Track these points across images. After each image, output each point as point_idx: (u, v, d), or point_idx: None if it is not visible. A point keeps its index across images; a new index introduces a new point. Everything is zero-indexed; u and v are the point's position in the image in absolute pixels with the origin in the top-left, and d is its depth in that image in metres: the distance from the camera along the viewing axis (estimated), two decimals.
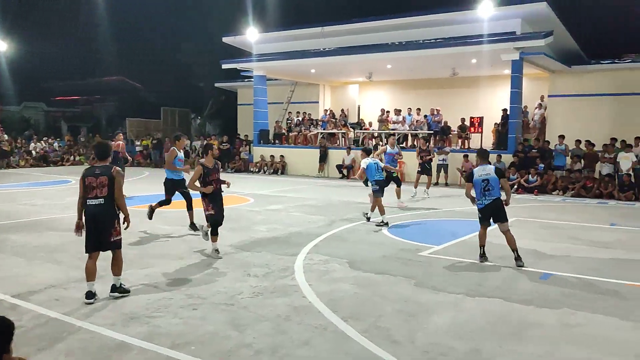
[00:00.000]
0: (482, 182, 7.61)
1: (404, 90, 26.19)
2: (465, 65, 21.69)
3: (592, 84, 20.77)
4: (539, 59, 19.08)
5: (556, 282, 6.82)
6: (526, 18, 19.05)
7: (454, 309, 5.78)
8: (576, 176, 17.20)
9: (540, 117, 22.03)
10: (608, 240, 9.58)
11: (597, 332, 5.13)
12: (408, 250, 8.62)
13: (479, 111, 22.45)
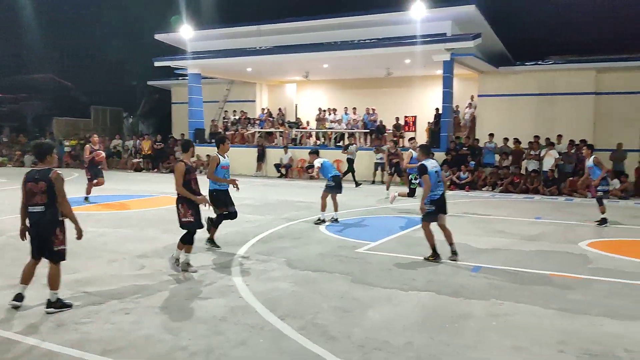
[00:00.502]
0: (435, 173, 7.82)
1: (341, 90, 26.48)
2: (400, 66, 22.17)
3: (518, 84, 21.73)
4: (469, 60, 19.79)
5: (485, 274, 7.10)
6: (456, 20, 19.70)
7: (389, 303, 5.91)
8: (504, 172, 17.98)
9: (470, 116, 22.84)
10: (533, 233, 10.07)
11: (522, 321, 5.38)
12: (345, 247, 8.73)
13: (412, 110, 23.05)
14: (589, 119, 20.53)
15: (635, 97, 20.26)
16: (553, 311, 5.64)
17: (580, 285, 6.64)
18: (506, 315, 5.52)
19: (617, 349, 4.66)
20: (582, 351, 4.61)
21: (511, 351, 4.65)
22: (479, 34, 18.77)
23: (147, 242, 8.97)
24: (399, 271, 7.26)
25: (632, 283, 6.72)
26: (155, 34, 25.54)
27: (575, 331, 5.07)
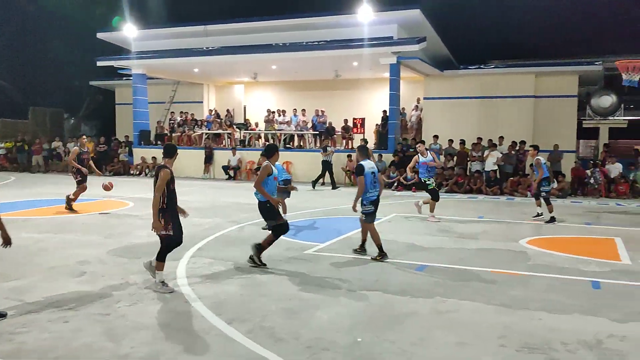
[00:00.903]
0: (372, 174, 7.90)
1: (290, 91, 26.49)
2: (348, 68, 22.38)
3: (462, 87, 22.34)
4: (414, 63, 20.20)
5: (430, 272, 7.26)
6: (402, 24, 20.07)
7: (337, 303, 5.95)
8: (449, 173, 18.44)
9: (417, 118, 23.30)
10: (476, 232, 10.38)
11: (466, 317, 5.53)
12: (294, 249, 8.72)
13: (361, 112, 23.31)
14: (529, 121, 21.34)
15: (571, 100, 21.24)
16: (494, 307, 5.82)
17: (520, 281, 6.88)
18: (450, 312, 5.66)
19: (554, 341, 4.85)
20: (522, 345, 4.78)
21: (455, 347, 4.77)
22: (424, 38, 19.20)
23: (89, 247, 8.67)
24: (347, 271, 7.32)
25: (568, 278, 7.02)
26: (97, 33, 24.77)
27: (515, 326, 5.25)
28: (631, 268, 7.64)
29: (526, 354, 4.61)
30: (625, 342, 4.84)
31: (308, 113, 23.47)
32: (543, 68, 22.03)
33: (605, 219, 12.41)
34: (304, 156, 21.65)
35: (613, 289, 6.57)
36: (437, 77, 22.45)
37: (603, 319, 5.46)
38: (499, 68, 23.00)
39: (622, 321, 5.38)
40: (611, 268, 7.62)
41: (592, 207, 14.50)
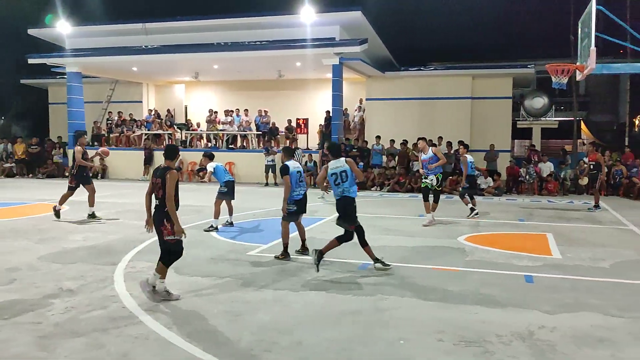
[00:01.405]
0: (297, 173, 7.98)
1: (233, 91, 26.20)
2: (291, 68, 22.37)
3: (403, 88, 22.76)
4: (356, 64, 20.42)
5: (372, 271, 7.35)
6: (344, 25, 20.26)
7: (279, 304, 5.92)
8: (391, 173, 18.77)
9: (359, 118, 23.58)
10: (416, 230, 10.60)
11: (406, 313, 5.64)
12: (236, 251, 8.63)
13: (305, 113, 23.35)
14: (466, 121, 22.00)
15: (505, 101, 22.07)
16: (433, 303, 5.96)
17: (457, 277, 7.08)
18: (391, 309, 5.75)
19: (489, 334, 5.02)
20: (459, 339, 4.92)
21: (395, 342, 4.85)
22: (366, 40, 19.45)
23: (18, 253, 8.26)
24: (289, 272, 7.30)
25: (502, 273, 7.29)
26: (29, 29, 23.66)
27: (452, 320, 5.39)
28: (561, 262, 8.00)
29: (463, 347, 4.74)
30: (555, 333, 5.07)
31: (251, 113, 23.30)
32: (480, 70, 22.78)
33: (537, 215, 12.97)
34: (246, 157, 21.49)
35: (544, 282, 6.87)
36: (378, 78, 22.79)
37: (535, 311, 5.69)
38: (438, 70, 23.61)
39: (553, 313, 5.63)
40: (543, 262, 7.96)
41: (525, 205, 15.11)
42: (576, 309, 5.77)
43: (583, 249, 8.90)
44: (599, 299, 6.13)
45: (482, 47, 35.53)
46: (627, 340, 4.89)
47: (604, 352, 4.65)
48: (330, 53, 19.52)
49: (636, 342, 4.87)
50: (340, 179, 7.38)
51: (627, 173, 17.45)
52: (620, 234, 10.50)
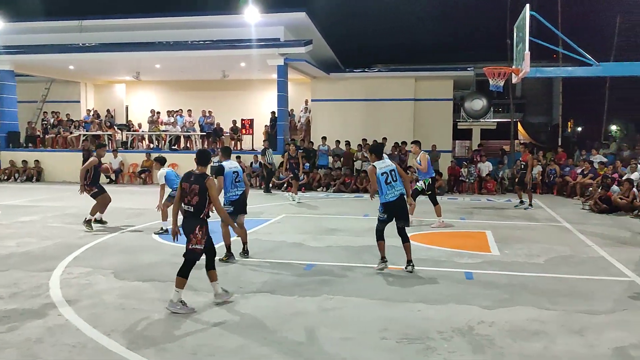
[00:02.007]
0: (233, 173, 7.95)
1: (176, 91, 25.66)
2: (236, 68, 22.16)
3: (348, 90, 22.96)
4: (301, 65, 20.45)
5: (318, 271, 7.38)
6: (288, 26, 20.26)
7: (224, 307, 5.85)
8: (337, 173, 18.91)
9: (305, 119, 23.63)
10: (362, 230, 10.69)
11: (350, 312, 5.69)
12: (178, 254, 8.35)
13: (250, 113, 23.20)
14: (409, 122, 22.44)
15: (447, 103, 22.67)
16: (377, 301, 6.05)
17: (401, 275, 7.21)
18: (336, 309, 5.79)
19: (431, 331, 5.14)
20: (402, 336, 5.01)
21: (340, 342, 4.89)
22: (310, 41, 19.51)
23: None
24: (235, 274, 7.23)
25: (444, 270, 7.48)
26: None
27: (395, 318, 5.49)
28: (499, 259, 8.29)
29: (406, 344, 4.83)
30: (494, 327, 5.25)
31: (195, 114, 22.90)
32: (422, 73, 23.27)
33: (477, 214, 13.38)
34: (190, 158, 20.97)
35: (483, 278, 7.10)
36: (324, 79, 22.90)
37: (475, 306, 5.86)
38: (382, 72, 23.96)
39: (491, 308, 5.82)
40: (482, 259, 8.22)
41: (466, 204, 15.56)
42: (513, 303, 5.99)
43: (520, 245, 9.25)
44: (534, 293, 6.39)
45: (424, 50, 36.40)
46: (559, 332, 5.13)
47: (538, 344, 4.85)
48: (275, 54, 19.47)
49: (567, 333, 5.10)
50: (391, 177, 7.33)
51: (560, 172, 18.26)
52: (554, 230, 10.98)
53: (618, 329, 5.20)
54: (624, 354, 4.64)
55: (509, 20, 21.44)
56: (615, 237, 10.22)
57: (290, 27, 20.41)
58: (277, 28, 20.14)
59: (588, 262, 8.06)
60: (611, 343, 4.85)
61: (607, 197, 13.77)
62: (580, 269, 7.64)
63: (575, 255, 8.56)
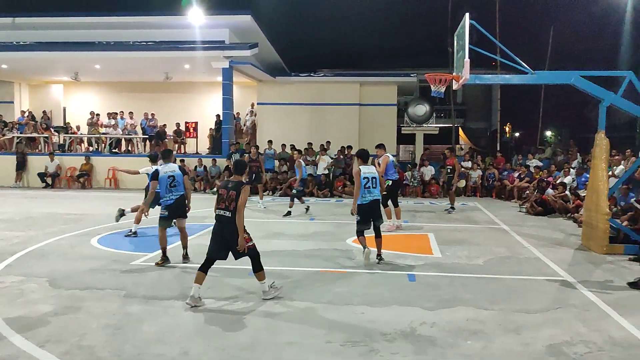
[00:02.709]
0: (169, 178, 7.84)
1: (117, 93, 24.94)
2: (179, 71, 21.77)
3: (294, 94, 23.00)
4: (247, 68, 20.31)
5: None
6: (233, 29, 20.10)
7: (165, 315, 5.71)
8: (283, 177, 18.86)
9: (251, 123, 23.49)
10: (308, 233, 10.73)
11: (295, 317, 5.68)
12: (119, 260, 8.20)
13: (194, 116, 22.84)
14: (354, 127, 22.70)
15: (391, 108, 23.09)
16: (322, 305, 6.06)
17: (345, 278, 7.27)
18: (281, 313, 5.76)
19: (375, 333, 5.20)
20: (346, 339, 5.04)
21: (284, 347, 4.87)
22: (256, 44, 19.43)
23: None
24: (177, 281, 7.07)
25: (388, 273, 7.59)
26: None
27: (340, 321, 5.52)
28: (441, 261, 8.49)
29: (349, 347, 4.86)
30: (435, 328, 5.36)
31: (137, 116, 22.29)
32: (367, 78, 23.62)
33: (420, 217, 13.66)
34: (132, 162, 20.42)
35: (426, 280, 7.24)
36: (269, 83, 22.84)
37: (417, 308, 5.98)
38: (327, 77, 24.15)
39: (433, 309, 5.95)
40: (425, 262, 8.40)
41: (410, 207, 15.84)
42: (453, 304, 6.14)
43: (460, 247, 9.51)
44: (473, 293, 6.58)
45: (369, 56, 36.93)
46: (497, 332, 5.29)
47: (477, 343, 4.99)
48: (220, 56, 19.26)
49: (504, 332, 5.28)
50: (371, 183, 8.11)
51: (499, 176, 18.91)
52: (493, 232, 11.35)
53: (552, 327, 5.42)
54: (557, 351, 4.83)
55: (450, 29, 22.05)
56: (549, 238, 10.68)
57: (235, 30, 20.24)
58: (222, 30, 19.94)
59: (524, 263, 8.38)
60: (545, 341, 5.05)
61: (542, 200, 14.37)
62: (517, 270, 7.92)
63: (513, 256, 8.88)
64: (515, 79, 9.90)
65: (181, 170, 8.00)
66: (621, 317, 5.73)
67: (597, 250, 9.19)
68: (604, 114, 9.52)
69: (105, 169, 20.12)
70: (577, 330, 5.32)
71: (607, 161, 9.85)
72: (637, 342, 5.05)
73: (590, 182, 9.96)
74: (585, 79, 9.33)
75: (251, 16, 19.29)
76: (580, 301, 6.33)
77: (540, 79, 9.79)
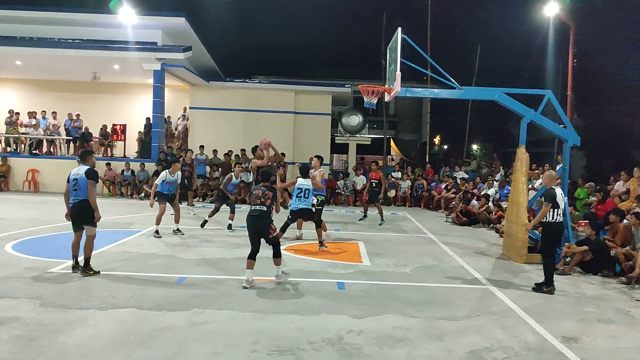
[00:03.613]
0: (73, 180, 7.57)
1: (40, 91, 23.65)
2: (108, 71, 21.02)
3: (228, 99, 22.69)
4: (180, 71, 19.90)
5: (189, 284, 7.14)
6: (166, 31, 19.66)
7: (84, 325, 5.43)
8: (215, 184, 18.54)
9: (183, 127, 22.98)
10: (237, 241, 10.57)
11: (221, 326, 5.56)
12: (36, 268, 7.74)
13: (122, 118, 22.09)
14: (289, 135, 22.70)
15: (325, 117, 23.29)
16: (250, 314, 5.97)
17: (275, 287, 7.20)
18: (207, 323, 5.62)
19: (302, 342, 5.17)
20: (273, 348, 4.98)
21: (209, 357, 4.75)
22: (190, 47, 19.09)
23: None
24: (97, 289, 6.75)
25: (318, 281, 7.60)
26: None
27: (267, 330, 5.45)
28: (370, 268, 8.61)
29: (277, 357, 4.81)
30: (362, 336, 5.41)
31: (60, 116, 21.27)
32: (302, 87, 23.69)
33: (351, 225, 13.82)
34: (53, 164, 19.53)
35: (355, 288, 7.31)
36: (203, 87, 22.45)
37: (345, 316, 6.01)
38: (263, 83, 24.03)
39: (360, 317, 6.00)
40: (354, 269, 8.48)
41: (341, 215, 16.02)
42: (380, 312, 6.23)
43: (389, 256, 9.68)
44: (400, 301, 6.71)
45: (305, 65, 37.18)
46: (421, 338, 5.41)
47: (402, 350, 5.07)
48: (152, 58, 18.78)
49: (429, 339, 5.40)
50: (303, 194, 9.82)
51: (427, 186, 19.49)
52: (420, 241, 11.66)
53: (473, 334, 5.60)
54: (477, 357, 5.00)
55: (383, 42, 22.58)
56: (473, 247, 11.09)
57: (169, 32, 19.80)
58: (154, 32, 19.45)
59: (449, 271, 8.64)
60: (467, 347, 5.21)
61: (467, 210, 14.92)
62: (442, 278, 8.15)
63: (438, 265, 9.14)
64: (444, 93, 10.24)
65: (91, 176, 7.55)
66: (537, 323, 6.01)
67: (517, 259, 9.64)
68: (525, 130, 10.03)
69: (24, 170, 19.05)
70: (496, 337, 5.53)
71: (527, 175, 10.39)
72: (550, 347, 5.31)
73: (511, 194, 10.44)
74: (508, 96, 9.80)
75: (185, 19, 18.93)
76: (500, 308, 6.59)
77: (467, 94, 10.17)
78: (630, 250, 8.69)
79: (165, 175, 10.67)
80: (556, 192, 7.54)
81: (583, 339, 5.59)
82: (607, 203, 10.98)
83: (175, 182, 10.87)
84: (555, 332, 5.74)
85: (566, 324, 6.06)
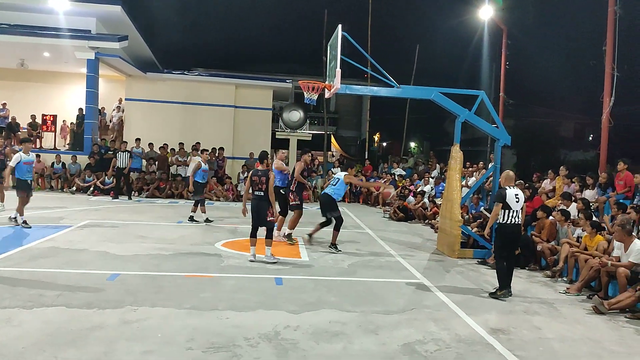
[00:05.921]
0: None
1: None
2: (37, 58, 20.02)
3: (166, 91, 22.12)
4: (115, 61, 19.21)
5: (122, 281, 6.93)
6: (101, 19, 18.95)
7: (7, 325, 5.17)
8: (151, 177, 18.09)
9: (118, 119, 22.24)
10: (174, 237, 10.35)
11: (155, 324, 5.42)
12: None
13: (54, 109, 21.14)
14: (229, 129, 22.42)
15: (266, 112, 23.17)
16: (185, 311, 5.86)
17: (211, 283, 7.11)
18: (140, 321, 5.48)
19: (238, 338, 5.13)
20: (208, 345, 4.92)
21: (141, 356, 4.63)
22: (126, 37, 18.49)
23: None
24: (24, 287, 6.44)
25: (255, 277, 7.56)
26: None
27: (203, 327, 5.38)
28: (308, 263, 8.65)
29: (212, 353, 4.75)
30: (298, 331, 5.43)
31: None
32: (243, 80, 23.44)
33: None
34: None
35: (292, 284, 7.32)
36: (140, 78, 21.78)
37: (282, 312, 6.01)
38: (202, 76, 23.59)
39: (297, 312, 6.02)
40: (293, 265, 8.50)
41: None
42: (317, 307, 6.27)
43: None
44: (337, 296, 6.78)
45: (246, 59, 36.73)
46: (357, 333, 5.49)
47: (338, 345, 5.14)
48: (85, 46, 18.06)
49: (364, 333, 5.49)
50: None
51: None
52: (358, 237, 11.82)
53: (407, 327, 5.74)
54: (411, 349, 5.13)
55: (324, 39, 22.66)
56: (409, 242, 11.36)
57: (104, 20, 19.09)
58: (88, 19, 18.72)
59: (385, 266, 8.81)
60: (400, 340, 5.34)
61: (404, 206, 15.26)
62: (378, 273, 8.31)
63: (375, 259, 9.31)
64: (383, 91, 10.40)
65: None
66: (467, 316, 6.23)
67: (450, 254, 9.96)
68: (459, 129, 10.35)
69: None
70: (428, 330, 5.70)
71: (461, 172, 10.73)
72: (479, 339, 5.52)
73: (446, 191, 10.77)
74: (444, 96, 10.08)
75: (122, 7, 18.29)
76: (433, 302, 6.79)
77: (405, 93, 10.37)
78: (555, 245, 9.17)
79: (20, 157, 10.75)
80: (507, 192, 7.18)
81: (510, 330, 5.85)
82: (535, 200, 11.51)
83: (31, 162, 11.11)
84: (485, 324, 5.98)
85: (495, 317, 6.32)
